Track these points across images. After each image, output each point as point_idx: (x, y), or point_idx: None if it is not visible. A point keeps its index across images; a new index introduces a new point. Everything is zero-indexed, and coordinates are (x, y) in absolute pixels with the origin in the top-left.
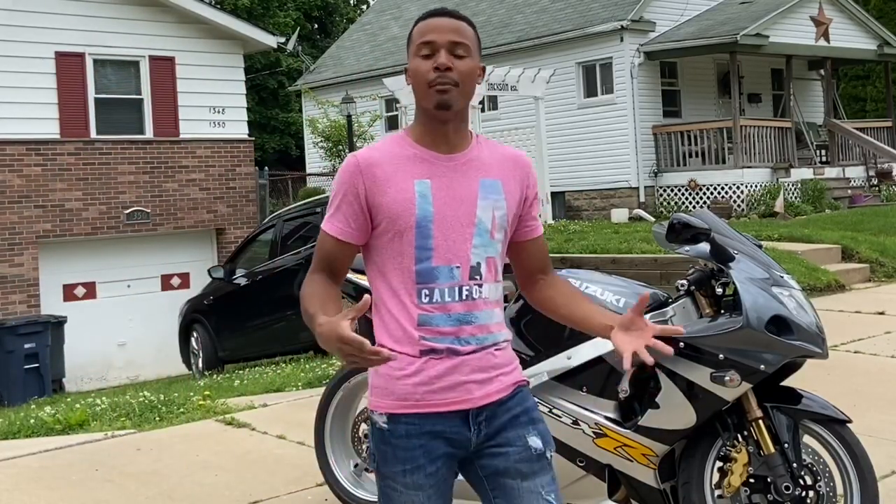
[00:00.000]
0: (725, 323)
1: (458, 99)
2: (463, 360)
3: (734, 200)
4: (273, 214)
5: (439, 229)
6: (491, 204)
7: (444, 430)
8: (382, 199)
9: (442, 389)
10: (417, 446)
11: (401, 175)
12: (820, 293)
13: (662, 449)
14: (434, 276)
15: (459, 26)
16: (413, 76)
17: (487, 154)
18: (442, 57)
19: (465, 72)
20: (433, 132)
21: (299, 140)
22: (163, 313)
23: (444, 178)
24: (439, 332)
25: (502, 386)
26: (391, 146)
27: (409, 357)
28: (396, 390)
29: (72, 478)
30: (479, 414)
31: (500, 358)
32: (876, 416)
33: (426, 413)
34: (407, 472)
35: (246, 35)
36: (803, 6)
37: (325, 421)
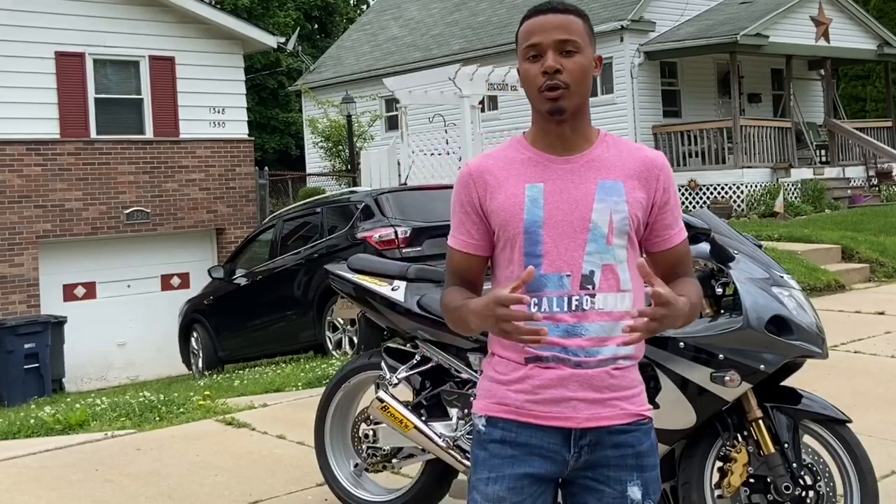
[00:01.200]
0: (725, 323)
1: (572, 100)
2: (572, 374)
3: (734, 200)
4: (273, 214)
5: (550, 235)
6: (609, 206)
7: (540, 445)
8: (493, 205)
9: (545, 401)
10: (509, 455)
11: (513, 180)
12: (820, 293)
13: (662, 449)
14: (542, 285)
15: (567, 22)
16: (524, 80)
17: (613, 154)
18: (549, 59)
19: (575, 70)
20: (548, 134)
21: (299, 140)
22: (163, 313)
23: (559, 182)
24: (546, 342)
25: (617, 413)
26: (506, 151)
27: (514, 363)
28: (498, 394)
29: (72, 478)
30: (583, 437)
31: (618, 379)
32: (876, 416)
33: (525, 423)
34: (489, 480)
35: (246, 35)
36: (803, 6)
37: (325, 421)
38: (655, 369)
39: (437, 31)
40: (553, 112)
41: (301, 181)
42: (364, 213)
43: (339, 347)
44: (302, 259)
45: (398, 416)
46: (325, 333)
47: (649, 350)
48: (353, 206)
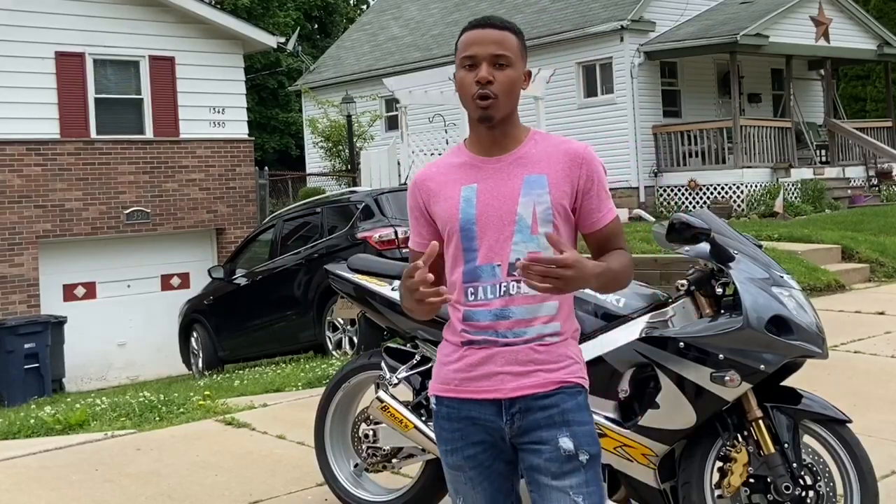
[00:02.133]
0: (725, 323)
1: (500, 109)
2: (498, 352)
3: (734, 200)
4: (273, 214)
5: (482, 230)
6: (532, 199)
7: (478, 417)
8: (435, 208)
9: (477, 378)
10: (456, 429)
11: (451, 184)
12: (820, 293)
13: (662, 449)
14: (478, 276)
15: (502, 37)
16: (459, 87)
17: (540, 150)
18: (483, 71)
19: (505, 83)
20: (481, 138)
21: (299, 140)
22: (163, 313)
23: (490, 181)
24: (478, 326)
25: (540, 381)
26: (448, 158)
27: (453, 346)
28: (441, 375)
29: (72, 478)
30: (512, 405)
31: (543, 354)
32: (876, 416)
33: (463, 398)
34: (447, 452)
35: (246, 35)
36: (803, 6)
37: (325, 421)
38: (655, 369)
39: (437, 31)
40: (482, 119)
41: (301, 181)
42: (364, 213)
43: (339, 347)
44: (302, 259)
45: (398, 416)
46: (325, 333)
47: (649, 350)
48: (353, 206)
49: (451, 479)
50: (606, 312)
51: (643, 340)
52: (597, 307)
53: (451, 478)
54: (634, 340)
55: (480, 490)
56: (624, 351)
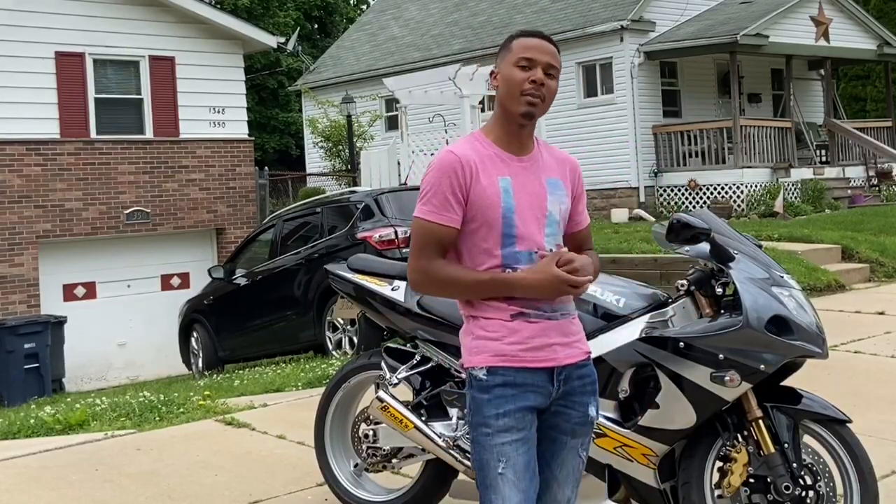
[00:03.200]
0: (725, 323)
1: (540, 111)
2: (550, 325)
3: (734, 200)
4: (273, 214)
5: (520, 220)
6: (557, 199)
7: (533, 383)
8: (476, 190)
9: (534, 349)
10: (511, 395)
11: (489, 171)
12: (820, 293)
13: (662, 449)
14: (517, 260)
15: (555, 52)
16: (507, 82)
17: (547, 156)
18: (539, 73)
19: (552, 91)
20: (510, 135)
21: (299, 140)
22: (163, 313)
23: (520, 177)
24: (527, 302)
25: (579, 352)
26: (476, 145)
27: (501, 321)
28: (493, 348)
29: (72, 478)
30: (561, 373)
31: (575, 326)
32: (876, 416)
33: (520, 367)
34: (500, 415)
35: (246, 35)
36: (803, 6)
37: (325, 421)
38: (655, 369)
39: (437, 31)
40: (526, 115)
41: (301, 181)
42: (364, 213)
43: (339, 347)
44: (302, 259)
45: (398, 416)
46: (325, 333)
47: (649, 350)
48: (353, 206)
49: (493, 444)
50: (606, 312)
51: (643, 340)
52: (597, 307)
53: (496, 442)
54: (634, 340)
55: (522, 452)
56: (624, 351)
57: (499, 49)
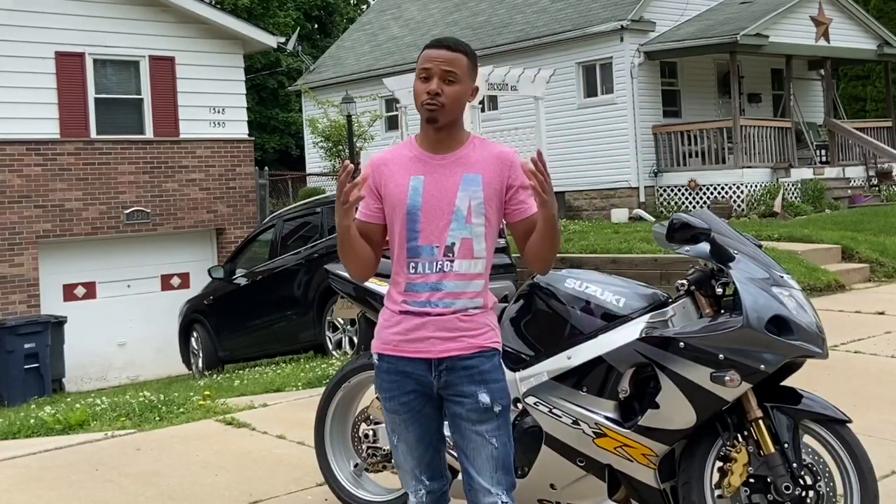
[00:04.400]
0: (725, 323)
1: (445, 116)
2: (430, 320)
3: (734, 200)
4: (273, 214)
5: (425, 216)
6: (469, 194)
7: (413, 371)
8: (386, 190)
9: (412, 340)
10: (394, 380)
11: (402, 172)
12: (820, 293)
13: (662, 449)
14: (418, 253)
15: (453, 58)
16: (414, 94)
17: (477, 153)
18: (433, 84)
19: (451, 96)
20: (429, 138)
21: (299, 140)
22: (163, 313)
23: (435, 175)
24: (416, 297)
25: (464, 346)
26: (401, 149)
27: (392, 313)
28: (383, 336)
29: (72, 478)
30: (440, 364)
31: (468, 323)
32: (876, 416)
33: (400, 356)
34: (386, 399)
35: (246, 35)
36: (803, 6)
37: (325, 421)
38: (655, 369)
39: (437, 31)
40: (429, 121)
41: (301, 181)
42: None
43: (339, 347)
44: (302, 259)
45: None
46: (325, 333)
47: (649, 350)
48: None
49: (388, 420)
50: (606, 312)
51: (643, 340)
52: (597, 307)
53: (389, 420)
54: (634, 340)
55: (412, 429)
56: (624, 351)
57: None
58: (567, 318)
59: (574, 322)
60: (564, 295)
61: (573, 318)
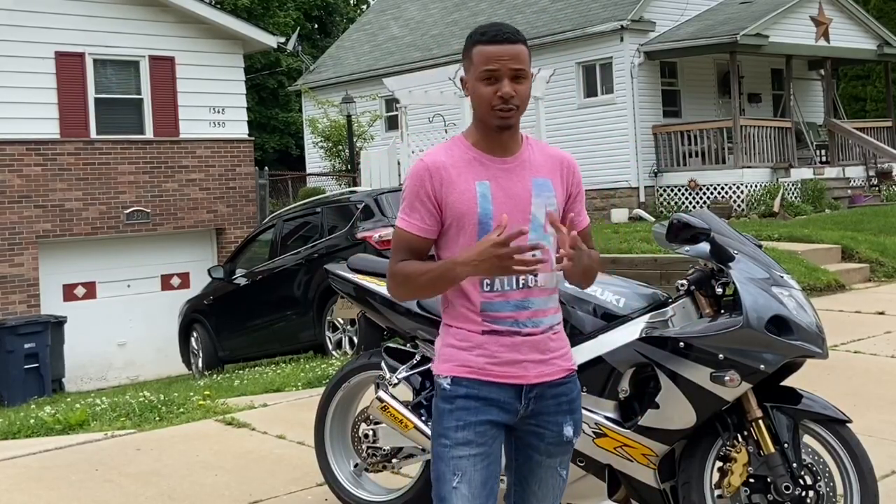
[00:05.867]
0: (725, 323)
1: (517, 118)
2: (522, 341)
3: (734, 200)
4: (273, 214)
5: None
6: (543, 201)
7: (498, 399)
8: (450, 198)
9: (502, 363)
10: (473, 407)
11: (464, 176)
12: (820, 293)
13: (662, 449)
14: None
15: (519, 53)
16: (477, 98)
17: (537, 155)
18: (506, 87)
19: (524, 95)
20: (490, 140)
21: (299, 140)
22: (163, 313)
23: (501, 180)
24: (499, 316)
25: (556, 369)
26: (454, 149)
27: (472, 333)
28: (460, 358)
29: (72, 478)
30: (532, 390)
31: (556, 342)
32: (876, 416)
33: (485, 381)
34: (459, 427)
35: (246, 35)
36: (803, 6)
37: (325, 421)
38: (655, 369)
39: (437, 31)
40: (503, 128)
41: (301, 181)
42: (364, 213)
43: (339, 347)
44: (302, 259)
45: (398, 416)
46: (325, 333)
47: (649, 350)
48: (353, 206)
49: (451, 456)
50: (606, 312)
51: (643, 340)
52: (597, 307)
53: (453, 455)
54: (634, 340)
55: (481, 468)
56: (624, 351)
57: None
58: (567, 318)
59: (574, 322)
60: (564, 295)
61: (573, 318)
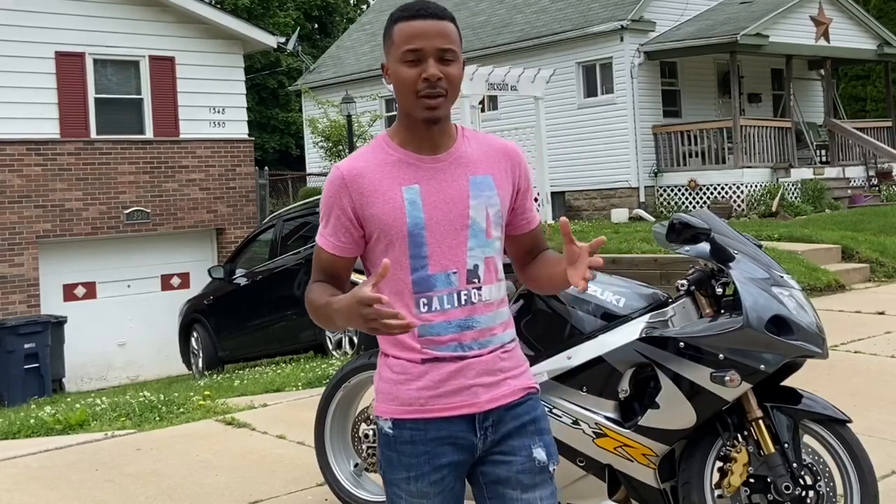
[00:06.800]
0: (725, 323)
1: (447, 107)
2: (468, 364)
3: (734, 200)
4: (273, 214)
5: (433, 235)
6: (484, 202)
7: (449, 436)
8: (372, 211)
9: (447, 394)
10: (422, 452)
11: (388, 183)
12: (820, 293)
13: (662, 449)
14: (431, 285)
15: (445, 29)
16: (398, 82)
17: (475, 148)
18: (432, 67)
19: (454, 79)
20: (418, 136)
21: (299, 140)
22: (163, 313)
23: (433, 181)
24: (441, 341)
25: (511, 390)
26: (374, 153)
27: (411, 363)
28: (401, 395)
29: (72, 478)
30: (486, 418)
31: (507, 361)
32: (876, 416)
33: (431, 418)
34: (411, 479)
35: (246, 35)
36: (803, 6)
37: (325, 421)
38: (655, 369)
39: None
40: (431, 121)
41: (301, 181)
42: None
43: (339, 347)
44: (302, 259)
45: None
46: (325, 333)
47: (649, 350)
48: None
49: None
50: (606, 312)
51: (643, 340)
52: (597, 307)
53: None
54: (634, 340)
55: None
56: (624, 351)
57: (382, 34)
58: (567, 318)
59: (574, 322)
60: (564, 295)
61: (573, 318)
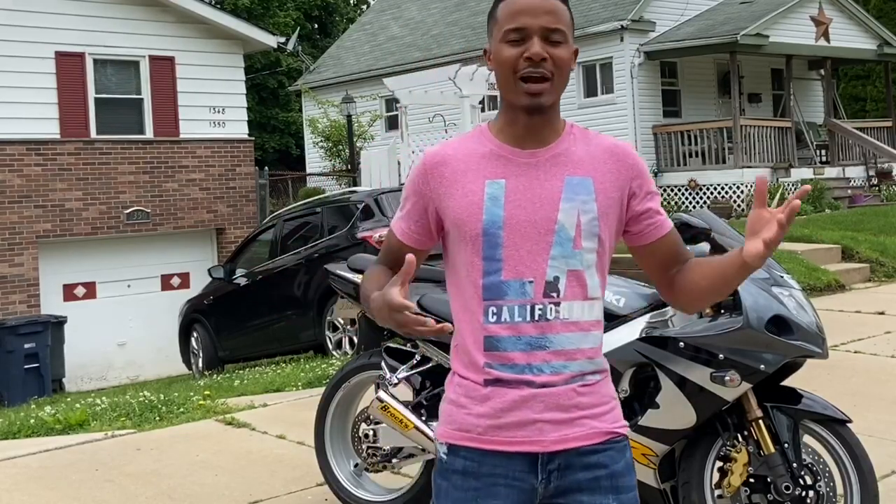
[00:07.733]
0: (725, 323)
1: (553, 95)
2: (535, 395)
3: (734, 200)
4: (273, 214)
5: (510, 237)
6: (577, 206)
7: (505, 474)
8: (449, 202)
9: (509, 426)
10: (473, 488)
11: (472, 174)
12: (820, 293)
13: (662, 449)
14: (502, 292)
15: (555, 7)
16: (498, 64)
17: (581, 147)
18: (536, 46)
19: (563, 63)
20: (516, 126)
21: (299, 140)
22: (163, 313)
23: (522, 178)
24: (507, 358)
25: (587, 432)
26: (468, 141)
27: (474, 385)
28: (459, 419)
29: (72, 478)
30: (552, 461)
31: (587, 396)
32: (876, 416)
33: (488, 450)
34: None
35: (246, 35)
36: (803, 6)
37: (325, 421)
38: (655, 369)
39: (437, 31)
40: (532, 109)
41: (301, 181)
42: (364, 213)
43: (339, 347)
44: (302, 259)
45: (398, 415)
46: (325, 333)
47: (649, 350)
48: (353, 206)
49: None
50: (606, 312)
51: (643, 340)
52: None
53: None
54: (634, 340)
55: None
56: (624, 351)
57: (487, 18)
58: None
59: None
60: None
61: None
